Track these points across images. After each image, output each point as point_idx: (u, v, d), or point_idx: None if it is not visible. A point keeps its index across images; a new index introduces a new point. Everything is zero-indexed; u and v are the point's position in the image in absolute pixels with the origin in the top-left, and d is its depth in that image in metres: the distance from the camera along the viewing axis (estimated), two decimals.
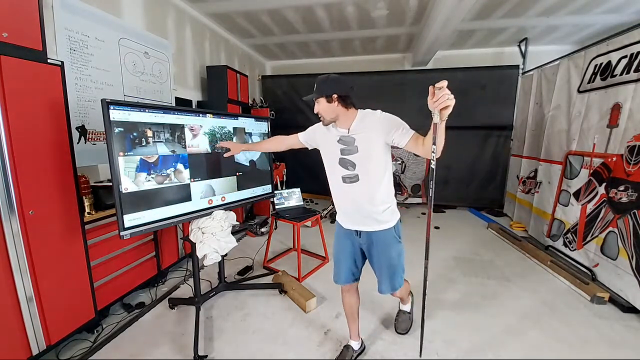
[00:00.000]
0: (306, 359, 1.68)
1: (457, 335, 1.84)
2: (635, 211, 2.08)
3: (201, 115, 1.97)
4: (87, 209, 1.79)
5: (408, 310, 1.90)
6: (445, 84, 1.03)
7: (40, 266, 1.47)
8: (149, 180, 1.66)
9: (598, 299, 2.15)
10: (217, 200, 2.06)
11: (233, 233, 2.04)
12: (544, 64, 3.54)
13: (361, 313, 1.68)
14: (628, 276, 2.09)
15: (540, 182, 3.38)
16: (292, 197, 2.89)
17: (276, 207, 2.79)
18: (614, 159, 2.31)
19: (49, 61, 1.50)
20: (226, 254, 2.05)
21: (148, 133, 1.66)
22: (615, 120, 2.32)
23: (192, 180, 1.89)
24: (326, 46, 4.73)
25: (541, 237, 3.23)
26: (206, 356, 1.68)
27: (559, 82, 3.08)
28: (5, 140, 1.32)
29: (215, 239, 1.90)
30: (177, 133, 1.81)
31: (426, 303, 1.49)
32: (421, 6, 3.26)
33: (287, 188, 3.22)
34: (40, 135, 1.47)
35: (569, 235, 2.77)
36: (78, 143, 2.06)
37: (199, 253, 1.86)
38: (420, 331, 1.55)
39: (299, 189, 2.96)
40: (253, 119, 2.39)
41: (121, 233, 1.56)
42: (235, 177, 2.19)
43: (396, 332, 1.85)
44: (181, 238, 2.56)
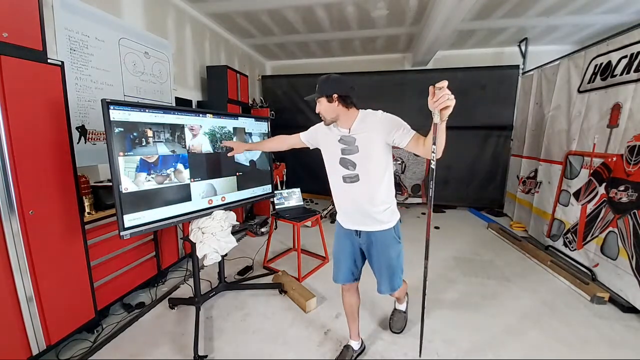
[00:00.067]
0: (306, 359, 1.68)
1: (457, 335, 1.84)
2: (635, 211, 2.08)
3: (201, 115, 1.98)
4: (87, 209, 1.79)
5: (404, 309, 1.92)
6: (445, 84, 1.02)
7: (40, 266, 1.47)
8: (149, 180, 1.67)
9: (598, 299, 2.15)
10: (217, 200, 2.06)
11: (233, 233, 2.05)
12: (544, 64, 3.54)
13: (361, 313, 1.68)
14: (628, 276, 2.10)
15: (540, 182, 3.38)
16: (292, 197, 2.89)
17: (276, 207, 2.79)
18: (614, 159, 2.31)
19: (49, 61, 1.50)
20: (226, 254, 2.05)
21: (148, 133, 1.66)
22: (615, 120, 2.32)
23: (192, 180, 1.89)
24: (326, 46, 4.73)
25: (541, 237, 3.23)
26: (206, 356, 1.68)
27: (559, 82, 3.08)
28: (5, 140, 1.32)
29: (215, 239, 1.90)
30: (177, 133, 1.81)
31: (426, 303, 1.48)
32: (421, 6, 3.26)
33: (287, 188, 3.22)
34: (40, 135, 1.47)
35: (569, 235, 2.77)
36: (78, 143, 2.06)
37: (199, 253, 1.86)
38: (420, 331, 1.55)
39: (299, 189, 2.96)
40: (253, 119, 2.39)
41: (121, 233, 1.56)
42: (235, 177, 2.19)
43: (391, 331, 1.86)
44: (181, 238, 2.56)
